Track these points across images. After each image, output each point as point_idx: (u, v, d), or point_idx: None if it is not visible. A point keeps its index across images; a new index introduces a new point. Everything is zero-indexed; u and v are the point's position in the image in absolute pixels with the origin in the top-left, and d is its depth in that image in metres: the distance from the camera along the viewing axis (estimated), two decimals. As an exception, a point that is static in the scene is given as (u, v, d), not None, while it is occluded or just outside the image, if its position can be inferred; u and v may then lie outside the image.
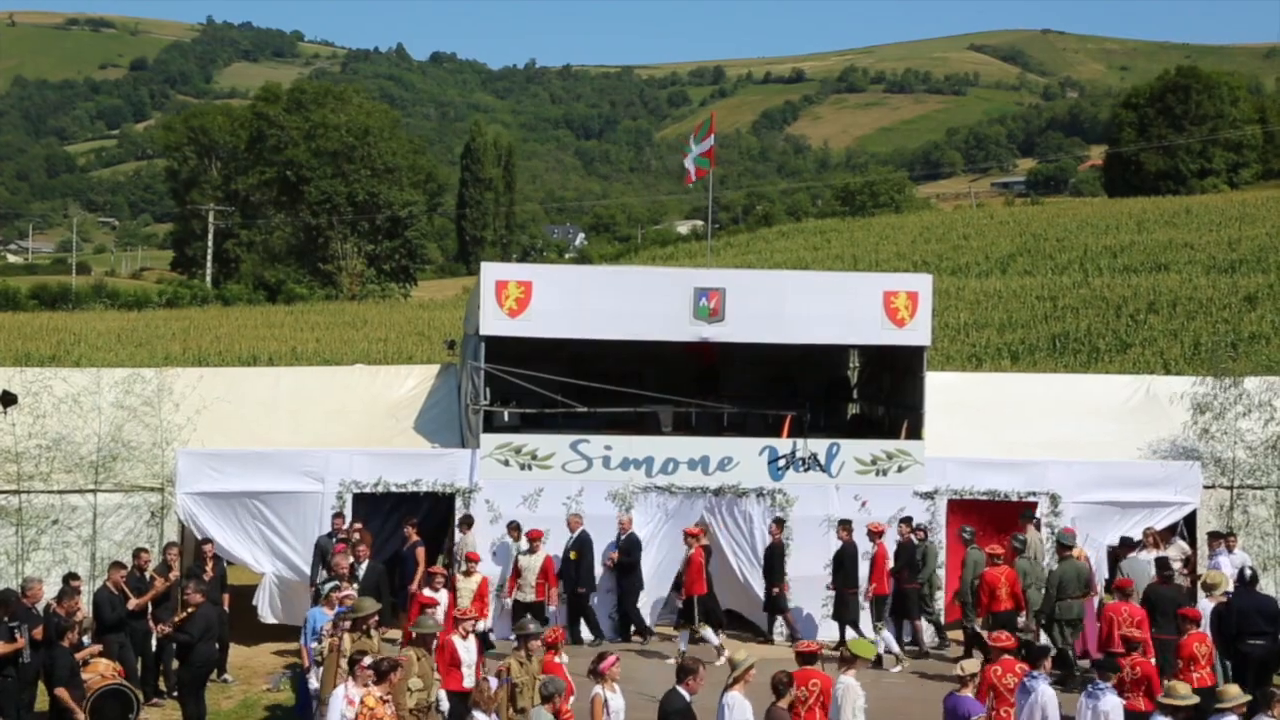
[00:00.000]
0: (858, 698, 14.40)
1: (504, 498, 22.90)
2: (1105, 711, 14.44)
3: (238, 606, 22.31)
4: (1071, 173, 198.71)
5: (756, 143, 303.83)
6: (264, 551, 22.69)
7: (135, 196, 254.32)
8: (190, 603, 18.44)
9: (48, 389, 23.58)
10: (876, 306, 23.56)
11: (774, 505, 23.24)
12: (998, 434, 25.22)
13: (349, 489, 22.71)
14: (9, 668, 17.03)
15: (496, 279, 23.27)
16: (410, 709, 14.45)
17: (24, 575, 20.92)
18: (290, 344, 56.39)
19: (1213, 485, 24.42)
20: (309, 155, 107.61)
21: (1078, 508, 23.46)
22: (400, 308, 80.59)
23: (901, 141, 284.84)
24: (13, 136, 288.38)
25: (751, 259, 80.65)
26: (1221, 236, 69.90)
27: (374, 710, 13.43)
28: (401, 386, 26.64)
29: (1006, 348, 51.16)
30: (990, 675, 15.38)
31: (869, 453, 23.63)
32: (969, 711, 14.29)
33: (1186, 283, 57.53)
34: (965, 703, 14.37)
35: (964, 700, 14.37)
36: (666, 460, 23.37)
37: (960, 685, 14.53)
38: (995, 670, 15.44)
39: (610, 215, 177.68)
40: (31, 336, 56.27)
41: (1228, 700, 14.36)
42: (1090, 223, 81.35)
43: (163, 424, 23.47)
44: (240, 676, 21.40)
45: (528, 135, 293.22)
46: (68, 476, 22.81)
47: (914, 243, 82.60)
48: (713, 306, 23.32)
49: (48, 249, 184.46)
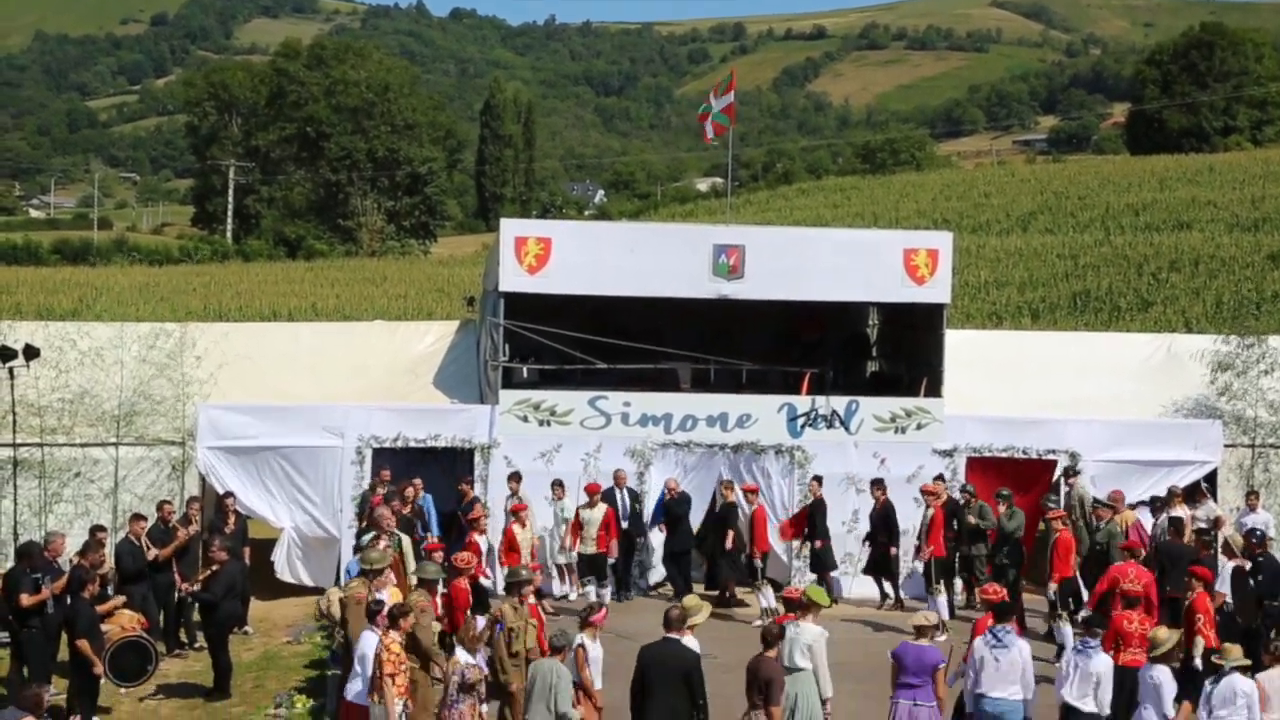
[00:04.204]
0: (810, 639, 14.42)
1: (522, 453, 22.99)
2: (1096, 672, 14.34)
3: (257, 560, 22.45)
4: (1094, 130, 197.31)
5: (777, 100, 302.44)
6: (283, 506, 22.82)
7: (156, 152, 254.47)
8: (215, 560, 18.58)
9: (71, 343, 23.74)
10: (897, 264, 23.52)
11: (792, 462, 23.28)
12: (1017, 392, 25.18)
13: (368, 444, 22.81)
14: (34, 619, 17.18)
15: (516, 235, 23.28)
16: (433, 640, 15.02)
17: (47, 527, 21.12)
18: (310, 300, 56.46)
19: (1233, 444, 24.37)
20: (329, 111, 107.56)
21: (1097, 466, 23.44)
22: (420, 264, 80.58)
23: (923, 99, 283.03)
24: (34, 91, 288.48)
25: (771, 216, 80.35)
26: (1245, 194, 69.41)
27: (399, 655, 14.03)
28: (421, 343, 26.71)
29: (1027, 306, 50.98)
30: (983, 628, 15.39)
31: (888, 410, 23.64)
32: (935, 661, 14.31)
33: (1209, 241, 57.18)
34: (929, 652, 14.37)
35: (927, 650, 14.38)
36: (685, 417, 23.41)
37: (918, 635, 14.52)
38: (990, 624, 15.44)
39: (630, 172, 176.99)
40: (54, 291, 56.41)
41: (1231, 659, 14.39)
42: (1112, 181, 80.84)
43: (184, 378, 23.61)
44: (261, 629, 21.54)
45: (547, 92, 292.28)
46: (90, 430, 22.98)
47: (934, 200, 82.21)
48: (732, 264, 23.30)
49: (69, 204, 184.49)
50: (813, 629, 14.58)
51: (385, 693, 13.82)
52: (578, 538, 22.31)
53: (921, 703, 14.26)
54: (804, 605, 14.82)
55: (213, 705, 18.12)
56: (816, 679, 14.43)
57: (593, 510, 22.23)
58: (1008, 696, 14.43)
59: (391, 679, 13.84)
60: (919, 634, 14.55)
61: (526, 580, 15.95)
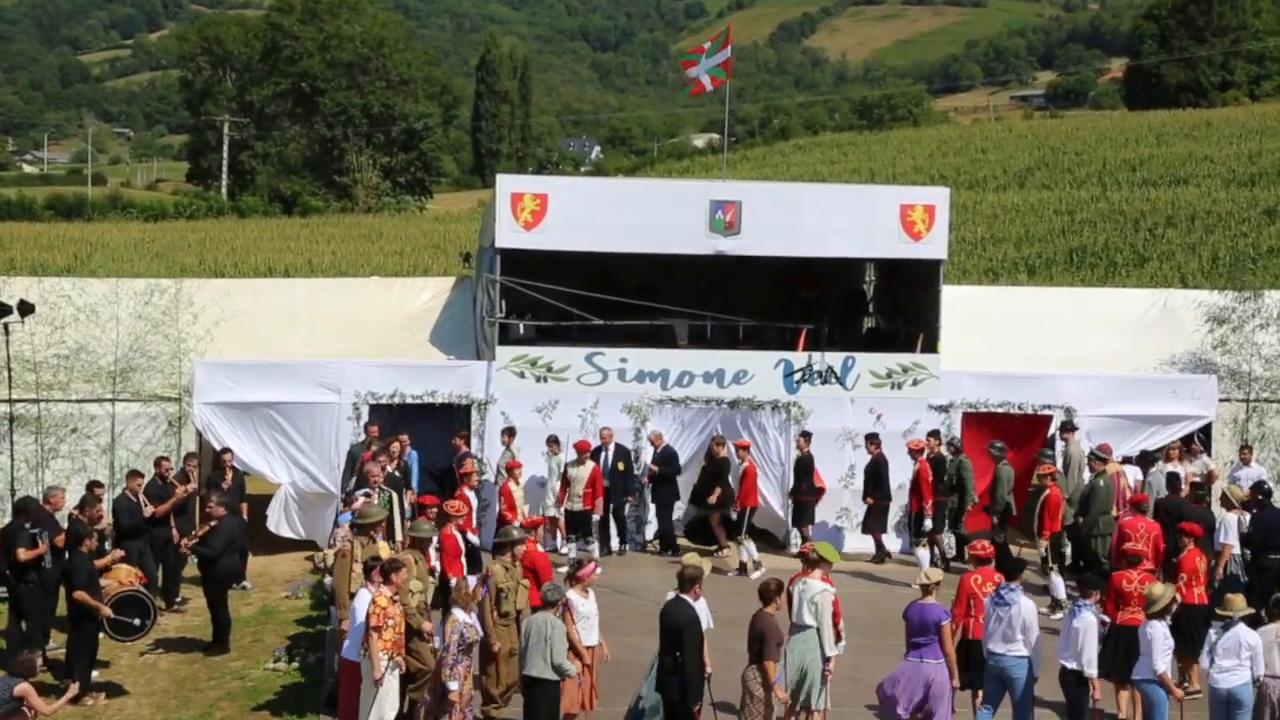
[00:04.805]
0: (815, 594, 14.45)
1: (519, 409, 23.00)
2: (1079, 629, 14.42)
3: (255, 515, 22.49)
4: (1091, 85, 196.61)
5: (774, 55, 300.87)
6: (280, 462, 22.84)
7: (150, 107, 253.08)
8: (213, 515, 18.62)
9: (66, 299, 23.74)
10: (893, 220, 23.51)
11: (789, 418, 23.31)
12: (1013, 348, 25.23)
13: (365, 400, 22.82)
14: (31, 574, 17.24)
15: (512, 191, 23.24)
16: (414, 608, 14.75)
17: (44, 483, 21.17)
18: (306, 256, 56.34)
19: (1228, 398, 24.41)
20: (323, 67, 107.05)
21: (1093, 421, 23.48)
22: (416, 220, 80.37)
23: (920, 54, 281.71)
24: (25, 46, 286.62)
25: (768, 172, 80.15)
26: (1242, 149, 69.25)
27: (386, 609, 13.89)
28: (417, 299, 26.69)
29: (1023, 262, 50.97)
30: (970, 583, 15.46)
31: (884, 366, 23.66)
32: (937, 618, 14.37)
33: (1206, 196, 57.10)
34: (931, 610, 14.43)
35: (930, 608, 14.44)
36: (682, 373, 23.41)
37: (923, 593, 14.58)
38: (975, 579, 15.47)
39: (626, 128, 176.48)
40: (48, 247, 56.27)
41: (1235, 610, 14.45)
42: (1109, 136, 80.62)
43: (180, 334, 23.60)
44: (259, 584, 21.64)
45: (543, 47, 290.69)
46: (86, 386, 22.99)
47: (931, 156, 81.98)
48: (729, 219, 23.27)
49: (63, 160, 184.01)
50: (819, 585, 14.55)
51: (370, 646, 13.78)
52: (564, 494, 22.39)
53: (928, 659, 14.33)
54: (813, 561, 14.80)
55: (211, 659, 18.24)
56: (819, 636, 14.44)
57: (581, 468, 22.27)
58: (1009, 653, 14.51)
59: (378, 632, 13.76)
60: (923, 592, 14.61)
61: (518, 540, 15.86)
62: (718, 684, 14.47)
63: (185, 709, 16.53)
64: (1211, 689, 14.40)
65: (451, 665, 13.86)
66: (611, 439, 22.87)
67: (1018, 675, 14.54)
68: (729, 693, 14.67)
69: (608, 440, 22.85)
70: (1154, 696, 14.48)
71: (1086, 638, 14.43)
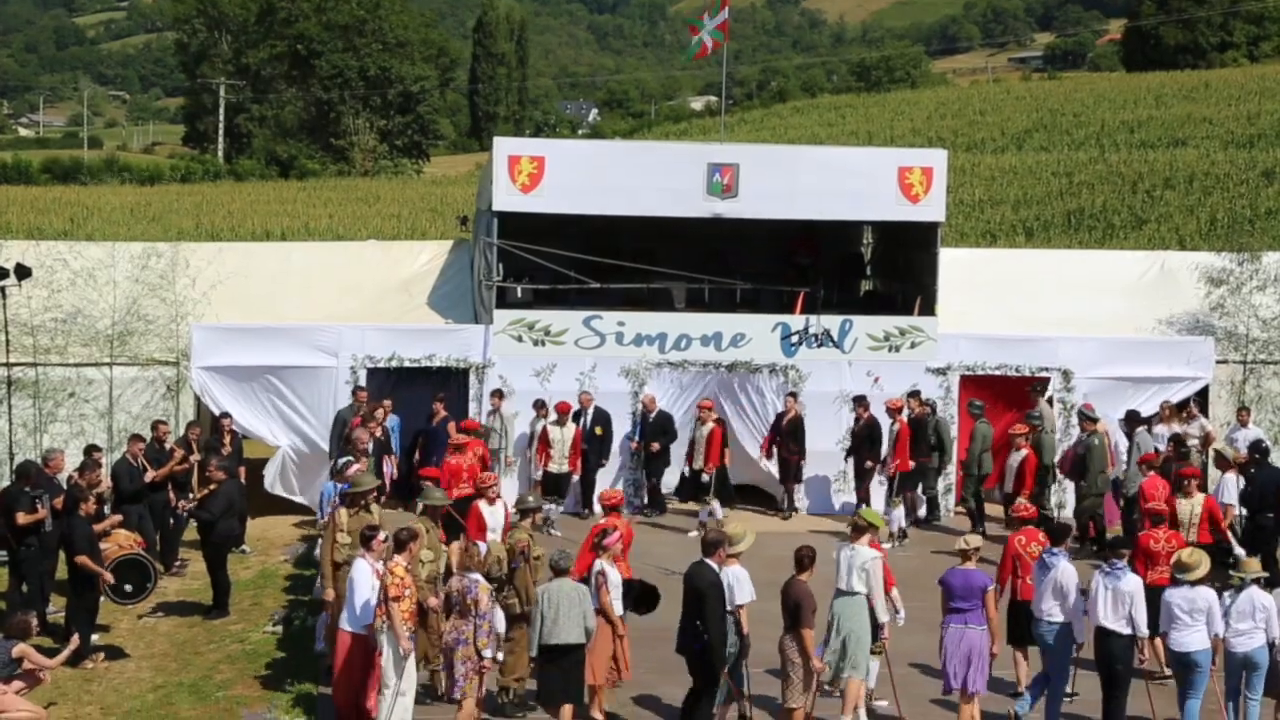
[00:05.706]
0: (864, 560, 14.35)
1: (517, 373, 23.02)
2: (1128, 592, 14.10)
3: (254, 479, 22.53)
4: (1090, 47, 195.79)
5: (771, 17, 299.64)
6: (279, 425, 22.86)
7: (146, 70, 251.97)
8: (213, 479, 18.63)
9: (63, 263, 23.71)
10: (891, 182, 23.49)
11: (787, 381, 23.34)
12: (1011, 310, 25.24)
13: (362, 364, 22.82)
14: (31, 537, 17.28)
15: (509, 154, 23.20)
16: (424, 580, 14.62)
17: (42, 447, 21.19)
18: (303, 220, 56.25)
19: (1225, 360, 24.44)
20: (320, 29, 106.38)
21: (1090, 383, 23.52)
22: (413, 184, 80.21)
23: (918, 16, 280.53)
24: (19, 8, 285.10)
25: (766, 135, 79.95)
26: (1240, 111, 69.12)
27: (403, 579, 13.60)
28: (415, 262, 26.68)
29: (1021, 224, 50.93)
30: (1015, 544, 15.46)
31: (882, 329, 23.68)
32: (983, 584, 14.28)
33: (1204, 158, 57.02)
34: (975, 576, 14.32)
35: (974, 574, 14.35)
36: (679, 336, 23.43)
37: (963, 559, 14.46)
38: (1019, 539, 15.49)
39: (623, 91, 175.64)
40: (44, 210, 56.15)
41: (1250, 573, 14.43)
42: (1108, 98, 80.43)
43: (178, 298, 23.57)
44: (258, 548, 21.69)
45: (540, 9, 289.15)
46: (84, 350, 22.98)
47: (929, 119, 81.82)
48: (726, 182, 23.24)
49: (59, 123, 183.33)
50: (868, 551, 14.32)
51: (392, 617, 13.40)
52: (545, 455, 22.39)
53: (973, 625, 14.19)
54: (860, 528, 14.59)
55: (211, 623, 18.29)
56: (871, 603, 14.27)
57: (562, 429, 22.33)
58: (1047, 618, 14.51)
59: (396, 602, 13.43)
60: (963, 558, 14.46)
61: (535, 507, 15.93)
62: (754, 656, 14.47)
63: (185, 672, 16.58)
64: (1228, 653, 14.23)
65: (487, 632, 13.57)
66: (591, 403, 22.89)
67: (1052, 641, 14.50)
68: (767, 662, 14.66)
69: (587, 404, 22.87)
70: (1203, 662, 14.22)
71: (1136, 599, 14.11)
